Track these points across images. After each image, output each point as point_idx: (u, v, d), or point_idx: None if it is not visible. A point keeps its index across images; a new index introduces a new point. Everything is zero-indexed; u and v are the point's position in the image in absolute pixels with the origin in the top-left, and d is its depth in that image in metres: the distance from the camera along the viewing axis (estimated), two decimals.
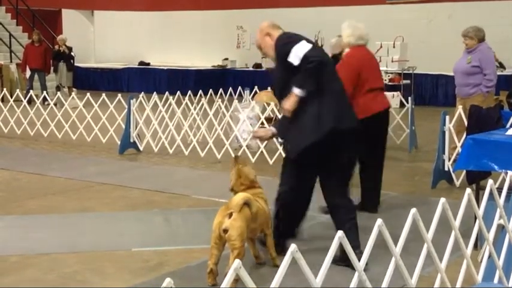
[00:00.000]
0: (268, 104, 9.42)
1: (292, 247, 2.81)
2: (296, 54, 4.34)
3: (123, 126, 9.28)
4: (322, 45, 18.02)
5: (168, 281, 2.28)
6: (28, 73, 16.09)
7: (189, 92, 10.32)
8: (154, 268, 4.42)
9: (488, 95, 7.79)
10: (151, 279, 4.18)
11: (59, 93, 12.26)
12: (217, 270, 3.99)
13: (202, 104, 9.78)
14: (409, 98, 9.65)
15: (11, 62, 17.90)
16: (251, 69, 19.63)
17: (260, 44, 4.70)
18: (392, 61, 16.49)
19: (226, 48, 20.37)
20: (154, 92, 10.37)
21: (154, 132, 9.38)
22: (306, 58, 4.29)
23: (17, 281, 4.19)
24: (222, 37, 20.42)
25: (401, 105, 12.42)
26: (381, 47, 16.33)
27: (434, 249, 3.41)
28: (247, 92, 10.67)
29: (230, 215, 3.98)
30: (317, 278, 2.89)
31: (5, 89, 13.41)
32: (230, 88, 12.15)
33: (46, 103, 11.87)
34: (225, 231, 3.96)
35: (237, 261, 2.56)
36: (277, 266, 3.54)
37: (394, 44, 16.47)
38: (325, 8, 18.73)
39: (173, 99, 9.74)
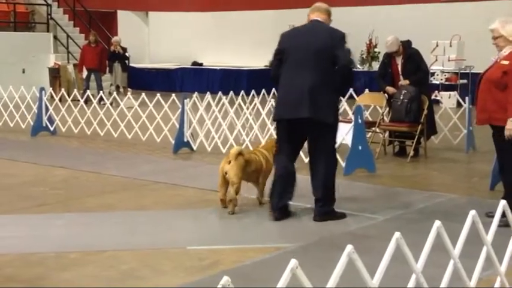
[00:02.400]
0: None
1: (349, 248, 2.80)
2: None
3: (177, 126, 9.39)
4: (376, 45, 17.85)
5: (226, 279, 2.30)
6: (85, 73, 16.47)
7: (242, 92, 10.36)
8: (209, 266, 4.45)
9: None
10: (206, 277, 4.21)
11: (115, 93, 12.49)
12: (226, 199, 5.83)
13: (255, 104, 9.82)
14: (466, 98, 9.45)
15: (68, 62, 18.37)
16: None
17: None
18: (449, 60, 16.19)
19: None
20: (208, 92, 10.46)
21: (208, 132, 9.45)
22: None
23: (77, 276, 4.29)
24: (274, 37, 20.36)
25: (458, 105, 12.17)
26: (437, 45, 16.06)
27: (494, 252, 3.33)
28: None
29: (229, 162, 5.78)
30: (374, 279, 2.87)
31: (62, 89, 13.76)
32: None
33: (102, 103, 12.12)
34: (226, 173, 5.77)
35: (293, 261, 2.56)
36: (262, 204, 6.09)
37: (450, 43, 16.17)
38: (378, 7, 18.52)
39: (226, 99, 9.80)
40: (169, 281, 4.17)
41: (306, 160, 8.25)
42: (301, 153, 8.07)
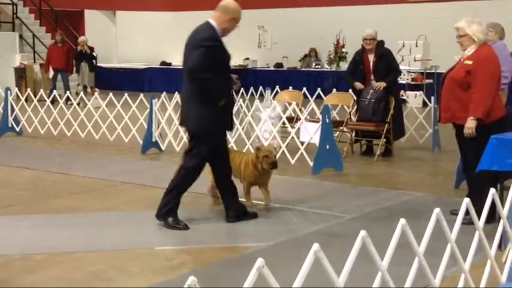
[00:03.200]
0: (290, 104, 9.43)
1: (315, 246, 2.82)
2: None
3: (145, 126, 9.34)
4: (344, 45, 17.98)
5: (192, 279, 2.30)
6: (51, 73, 16.27)
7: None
8: (177, 267, 4.45)
9: (503, 93, 7.69)
10: (174, 277, 4.21)
11: (82, 93, 12.37)
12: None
13: None
14: (432, 97, 9.59)
15: (35, 62, 18.11)
16: (272, 68, 19.63)
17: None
18: (415, 60, 16.40)
19: (248, 47, 20.38)
20: (176, 92, 10.42)
21: (176, 132, 9.42)
22: None
23: (43, 279, 4.25)
24: (243, 37, 20.39)
25: (424, 104, 12.34)
26: (403, 46, 16.25)
27: (458, 250, 3.39)
28: (268, 91, 10.67)
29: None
30: (340, 278, 2.90)
31: (28, 89, 13.56)
32: (251, 88, 12.17)
33: (69, 103, 12.00)
34: None
35: (260, 260, 2.57)
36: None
37: (416, 43, 16.38)
38: (346, 7, 18.66)
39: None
40: (137, 282, 4.16)
41: (292, 162, 8.31)
42: (288, 156, 8.15)
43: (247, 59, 20.23)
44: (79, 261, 4.58)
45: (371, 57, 8.82)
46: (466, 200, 3.51)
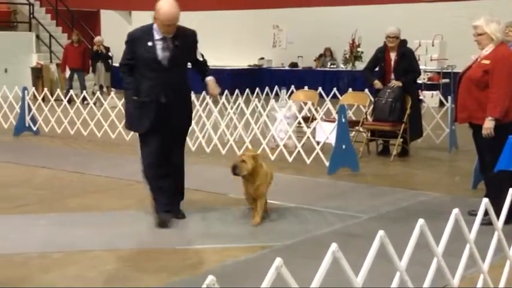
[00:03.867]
0: (305, 103, 9.41)
1: (333, 246, 2.80)
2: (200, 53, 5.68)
3: None
4: (359, 44, 17.92)
5: (211, 278, 2.29)
6: (68, 73, 16.37)
7: (226, 91, 10.35)
8: (194, 266, 4.45)
9: None
10: (190, 277, 4.21)
11: (98, 92, 12.43)
12: None
13: (239, 104, 9.82)
14: (449, 97, 9.52)
15: (51, 62, 18.24)
16: (287, 68, 19.61)
17: (178, 21, 5.40)
18: (431, 60, 16.31)
19: (262, 47, 20.39)
20: (192, 92, 10.41)
21: (191, 132, 9.41)
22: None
23: (60, 277, 4.26)
24: (258, 36, 20.45)
25: (441, 104, 12.26)
26: (420, 45, 16.16)
27: (477, 250, 3.36)
28: (283, 91, 10.66)
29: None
30: (358, 278, 2.88)
31: (45, 88, 13.65)
32: (267, 87, 12.16)
33: (85, 102, 12.06)
34: None
35: (278, 260, 2.56)
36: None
37: (433, 42, 16.28)
38: (361, 6, 18.60)
39: (209, 98, 9.79)
40: (154, 281, 4.16)
41: (290, 159, 8.29)
42: (304, 156, 8.13)
43: (262, 58, 20.23)
44: (95, 260, 4.59)
45: (393, 56, 8.76)
46: (485, 200, 3.47)
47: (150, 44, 5.38)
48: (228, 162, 8.42)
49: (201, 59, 5.68)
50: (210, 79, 5.64)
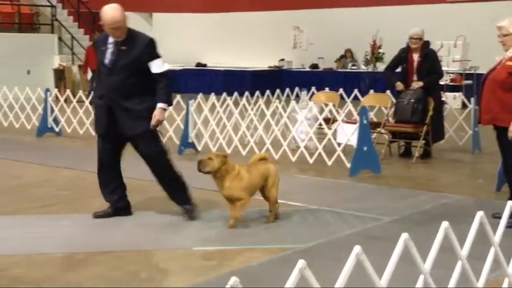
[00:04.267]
0: (326, 105, 9.39)
1: (357, 248, 2.79)
2: (162, 64, 5.52)
3: (182, 127, 9.39)
4: (380, 45, 17.83)
5: (234, 279, 2.30)
6: (90, 75, 16.50)
7: (247, 93, 10.37)
8: (215, 267, 4.45)
9: None
10: (213, 278, 4.21)
11: None
12: None
13: (259, 105, 9.82)
14: (472, 98, 9.44)
15: (73, 63, 18.39)
16: (308, 69, 19.58)
17: (122, 25, 5.41)
18: (453, 61, 16.18)
19: (283, 48, 20.38)
20: (213, 93, 10.47)
21: (212, 133, 9.46)
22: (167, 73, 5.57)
23: (84, 277, 4.30)
24: (278, 38, 20.45)
25: (464, 106, 12.15)
26: (442, 46, 16.03)
27: (502, 253, 3.33)
28: (304, 92, 10.64)
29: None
30: (382, 280, 2.87)
31: (68, 90, 13.77)
32: (287, 89, 12.14)
33: None
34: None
35: (302, 262, 2.56)
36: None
37: (455, 43, 16.15)
38: (382, 7, 18.51)
39: (230, 100, 9.81)
40: (176, 282, 4.18)
41: (311, 161, 8.28)
42: (325, 157, 8.12)
43: (283, 60, 20.22)
44: (118, 260, 4.62)
45: (415, 57, 8.70)
46: (510, 203, 3.44)
47: (103, 47, 5.54)
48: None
49: (157, 71, 5.47)
50: (158, 107, 5.47)
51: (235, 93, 10.36)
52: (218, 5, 22.14)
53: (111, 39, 5.49)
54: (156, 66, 5.47)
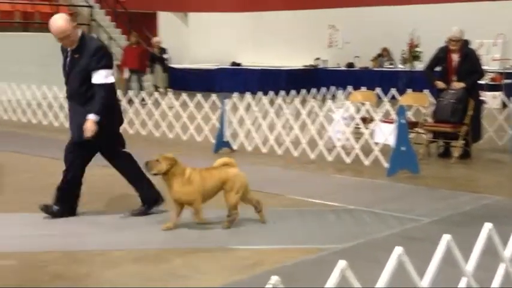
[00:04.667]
0: (363, 104, 9.29)
1: (399, 250, 2.74)
2: (106, 76, 5.49)
3: (217, 126, 9.41)
4: (417, 44, 17.60)
5: (276, 278, 2.28)
6: (126, 74, 16.66)
7: (282, 92, 10.34)
8: (252, 266, 4.43)
9: None
10: (249, 277, 4.19)
11: (155, 93, 12.60)
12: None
13: (295, 104, 9.77)
14: None
15: None
16: (343, 68, 19.44)
17: (69, 34, 5.48)
18: (493, 60, 15.89)
19: (318, 47, 20.28)
20: (249, 92, 10.47)
21: (248, 132, 9.45)
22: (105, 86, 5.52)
23: (121, 275, 4.32)
24: (313, 36, 20.36)
25: (504, 105, 11.91)
26: (481, 45, 15.76)
27: None
28: (340, 91, 10.56)
29: None
30: (423, 281, 2.81)
31: None
32: (324, 88, 12.07)
33: (143, 103, 12.23)
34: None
35: (343, 262, 2.52)
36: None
37: (495, 42, 15.86)
38: (420, 5, 18.28)
39: (265, 99, 9.80)
40: (213, 281, 4.16)
41: (348, 161, 8.20)
42: (362, 157, 8.03)
43: (318, 59, 20.12)
44: (155, 258, 4.64)
45: (455, 57, 8.56)
46: None
47: (64, 55, 5.74)
48: (285, 163, 8.44)
49: (96, 82, 5.48)
50: (89, 117, 5.47)
51: (271, 93, 10.33)
52: (253, 4, 22.14)
53: (70, 48, 5.65)
54: (98, 77, 5.49)
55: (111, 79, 5.55)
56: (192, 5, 23.02)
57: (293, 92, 10.83)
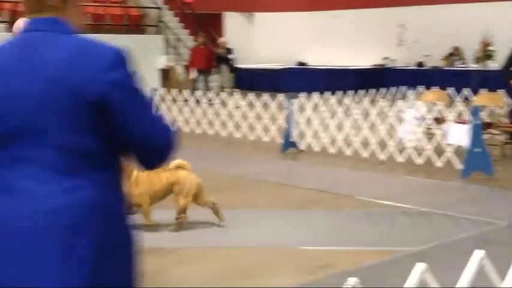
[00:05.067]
0: (435, 104, 9.07)
1: (480, 253, 2.64)
2: None
3: (284, 126, 9.36)
4: (490, 43, 17.05)
5: (354, 280, 2.22)
6: (194, 74, 16.85)
7: (349, 91, 10.22)
8: (323, 267, 4.37)
9: None
10: (322, 277, 4.14)
11: (222, 93, 12.69)
12: None
13: (363, 104, 9.63)
14: None
15: (178, 64, 18.85)
16: (413, 68, 19.05)
17: None
18: None
19: (386, 46, 19.96)
20: (317, 92, 10.40)
21: (315, 132, 9.37)
22: None
23: (190, 272, 4.34)
24: (381, 35, 20.06)
25: None
26: None
27: None
28: (411, 91, 10.35)
29: None
30: (503, 284, 2.70)
31: (173, 89, 14.10)
32: (393, 88, 11.85)
33: (210, 103, 12.33)
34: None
35: (423, 265, 2.44)
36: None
37: None
38: (492, 3, 17.71)
39: (333, 98, 9.70)
40: (285, 280, 4.13)
41: (420, 162, 8.01)
42: (435, 159, 7.81)
43: (386, 58, 19.80)
44: (225, 256, 4.64)
45: None
46: None
47: None
48: (353, 164, 8.32)
49: None
50: None
51: (339, 92, 10.22)
52: (320, 3, 22.00)
53: None
54: None
55: None
56: (258, 5, 23.09)
57: (361, 91, 10.68)
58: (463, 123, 7.91)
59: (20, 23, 3.62)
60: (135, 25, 20.06)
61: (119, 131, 1.79)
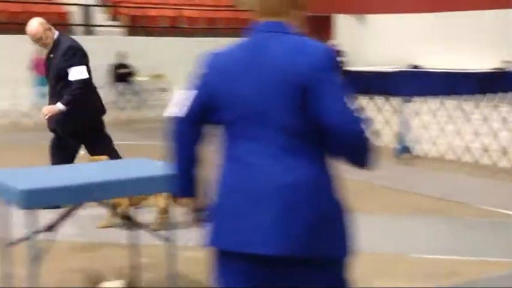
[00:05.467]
0: None
1: None
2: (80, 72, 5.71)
3: (398, 131, 9.18)
4: None
5: None
6: None
7: (467, 96, 9.86)
8: (448, 276, 4.25)
9: None
10: (447, 286, 4.02)
11: None
12: None
13: (483, 109, 9.26)
14: None
15: None
16: None
17: (41, 36, 5.78)
18: None
19: (506, 49, 19.10)
20: (432, 97, 10.12)
21: (430, 137, 9.12)
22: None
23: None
24: (500, 38, 19.22)
25: None
26: None
27: None
28: None
29: None
30: None
31: None
32: None
33: None
34: None
35: None
36: None
37: None
38: None
39: (451, 102, 9.40)
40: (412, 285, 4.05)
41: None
42: None
43: (507, 61, 18.92)
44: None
45: None
46: None
47: (45, 56, 6.00)
48: (472, 171, 8.01)
49: (71, 79, 5.71)
50: (56, 105, 5.74)
51: (455, 96, 9.89)
52: (436, 4, 21.34)
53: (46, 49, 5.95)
54: (71, 74, 5.72)
55: (84, 75, 5.78)
56: (370, 7, 22.76)
57: (479, 96, 10.27)
58: None
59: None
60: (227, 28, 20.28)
61: (315, 113, 2.02)
